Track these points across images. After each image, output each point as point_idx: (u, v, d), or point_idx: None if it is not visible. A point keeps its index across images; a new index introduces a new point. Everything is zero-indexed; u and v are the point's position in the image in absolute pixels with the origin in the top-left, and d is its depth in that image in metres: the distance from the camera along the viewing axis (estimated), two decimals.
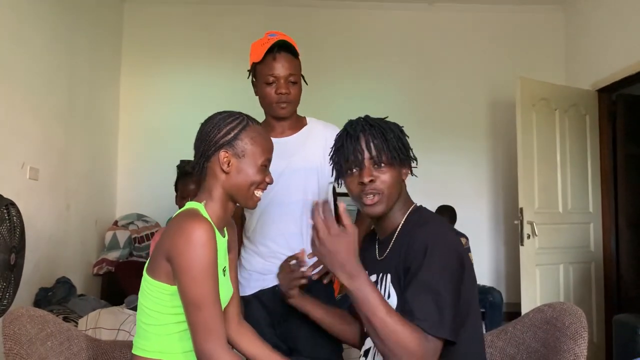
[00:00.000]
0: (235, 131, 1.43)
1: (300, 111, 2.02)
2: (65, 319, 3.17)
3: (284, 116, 1.95)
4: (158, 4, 4.98)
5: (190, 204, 1.44)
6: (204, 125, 1.48)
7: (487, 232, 5.02)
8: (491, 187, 5.04)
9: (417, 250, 1.32)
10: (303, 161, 1.97)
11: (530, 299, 3.82)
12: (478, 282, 4.52)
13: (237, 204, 1.49)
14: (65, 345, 1.64)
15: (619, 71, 4.04)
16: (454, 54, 5.03)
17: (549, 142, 4.14)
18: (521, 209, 3.91)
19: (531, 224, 3.89)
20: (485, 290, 4.33)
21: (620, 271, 4.38)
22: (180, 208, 3.05)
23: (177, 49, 4.96)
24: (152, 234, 4.41)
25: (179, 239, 1.30)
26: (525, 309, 3.73)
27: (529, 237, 3.89)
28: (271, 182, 1.48)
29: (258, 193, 1.47)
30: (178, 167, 4.60)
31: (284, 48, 1.88)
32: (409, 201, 1.52)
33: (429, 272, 1.28)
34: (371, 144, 1.43)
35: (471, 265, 1.41)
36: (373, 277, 1.51)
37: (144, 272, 1.40)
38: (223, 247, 1.46)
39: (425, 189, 4.88)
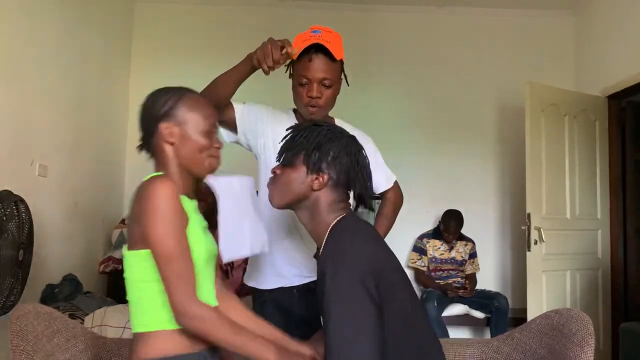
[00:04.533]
0: (172, 101, 1.44)
1: None
2: (72, 316, 3.18)
3: (312, 119, 1.90)
4: (169, 3, 5.00)
5: (151, 175, 1.44)
6: (143, 103, 1.49)
7: (494, 237, 5.00)
8: (499, 192, 5.02)
9: (320, 278, 1.31)
10: None
11: (537, 305, 3.80)
12: (483, 287, 4.56)
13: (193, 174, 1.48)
14: (71, 342, 1.64)
15: (629, 78, 4.02)
16: (463, 58, 5.01)
17: (557, 147, 4.12)
18: (529, 214, 3.89)
19: (538, 229, 3.87)
20: (491, 296, 4.32)
21: (628, 279, 4.36)
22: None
23: (187, 48, 4.97)
24: None
25: (141, 199, 1.33)
26: (531, 315, 3.71)
27: (536, 242, 3.88)
28: (220, 147, 1.49)
29: (210, 160, 1.47)
30: None
31: (322, 50, 1.82)
32: (336, 213, 1.45)
33: (331, 316, 1.26)
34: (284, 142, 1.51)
35: (386, 273, 1.35)
36: None
37: (124, 251, 1.40)
38: (194, 210, 1.46)
39: (433, 193, 4.92)
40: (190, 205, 1.45)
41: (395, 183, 2.13)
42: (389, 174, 2.11)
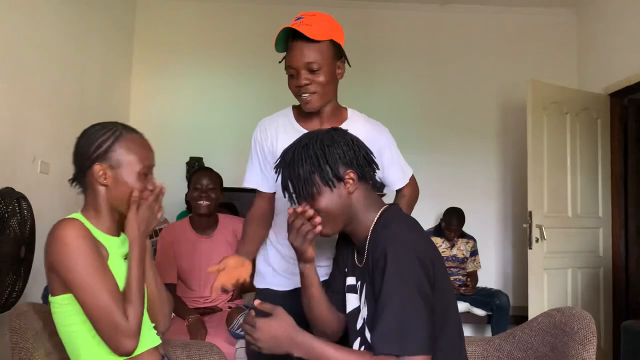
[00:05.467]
0: (108, 143, 1.43)
1: None
2: None
3: (310, 110, 1.78)
4: (170, 1, 5.00)
5: (68, 216, 1.45)
6: (79, 139, 1.47)
7: (495, 235, 5.00)
8: (500, 190, 5.02)
9: (377, 260, 1.31)
10: None
11: (538, 303, 3.80)
12: (485, 285, 4.55)
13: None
14: None
15: (632, 75, 4.01)
16: (465, 55, 5.01)
17: (559, 145, 4.11)
18: (530, 212, 3.89)
19: (540, 227, 3.87)
20: (492, 294, 4.32)
21: (629, 277, 4.36)
22: (192, 202, 3.08)
23: (188, 46, 4.97)
24: (160, 229, 4.42)
25: (52, 246, 1.34)
26: (532, 313, 3.71)
27: (537, 240, 3.87)
28: (154, 190, 1.47)
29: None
30: (188, 163, 4.64)
31: (298, 34, 1.67)
32: (376, 205, 1.46)
33: (389, 288, 1.26)
34: (288, 184, 1.43)
35: (438, 262, 1.36)
36: (352, 280, 1.50)
37: (49, 297, 1.42)
38: (116, 245, 1.48)
39: (434, 191, 4.90)
40: (113, 242, 1.46)
41: (412, 178, 1.98)
42: (405, 169, 1.95)
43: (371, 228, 1.42)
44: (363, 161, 1.44)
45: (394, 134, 1.93)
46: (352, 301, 1.49)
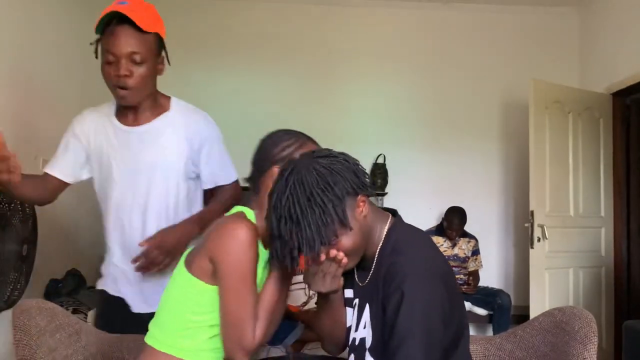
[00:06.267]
0: (291, 149, 1.45)
1: (311, 109, 1.90)
2: (75, 311, 3.20)
3: (126, 105, 1.69)
4: (171, 1, 5.00)
5: (239, 208, 1.46)
6: (263, 140, 1.50)
7: (497, 234, 5.00)
8: (502, 189, 5.02)
9: (392, 294, 1.23)
10: (155, 156, 1.73)
11: (539, 303, 3.80)
12: (486, 285, 4.55)
13: None
14: (73, 337, 1.65)
15: (634, 75, 4.00)
16: (467, 54, 5.00)
17: (561, 145, 4.11)
18: (532, 211, 3.88)
19: (542, 227, 3.87)
20: (494, 293, 4.32)
21: (631, 276, 4.35)
22: None
23: (190, 46, 4.96)
24: None
25: (224, 239, 1.34)
26: (533, 312, 3.71)
27: (539, 240, 3.87)
28: None
29: None
30: None
31: (125, 20, 1.58)
32: (381, 217, 1.37)
33: (402, 329, 1.20)
34: (297, 244, 1.25)
35: (449, 279, 1.32)
36: (349, 294, 1.46)
37: (181, 264, 1.41)
38: (263, 259, 1.46)
39: (436, 190, 4.92)
40: (262, 253, 1.44)
41: (234, 184, 1.89)
42: (228, 171, 1.90)
43: (379, 246, 1.34)
44: (362, 175, 1.30)
45: (395, 132, 1.93)
46: (348, 316, 1.47)
